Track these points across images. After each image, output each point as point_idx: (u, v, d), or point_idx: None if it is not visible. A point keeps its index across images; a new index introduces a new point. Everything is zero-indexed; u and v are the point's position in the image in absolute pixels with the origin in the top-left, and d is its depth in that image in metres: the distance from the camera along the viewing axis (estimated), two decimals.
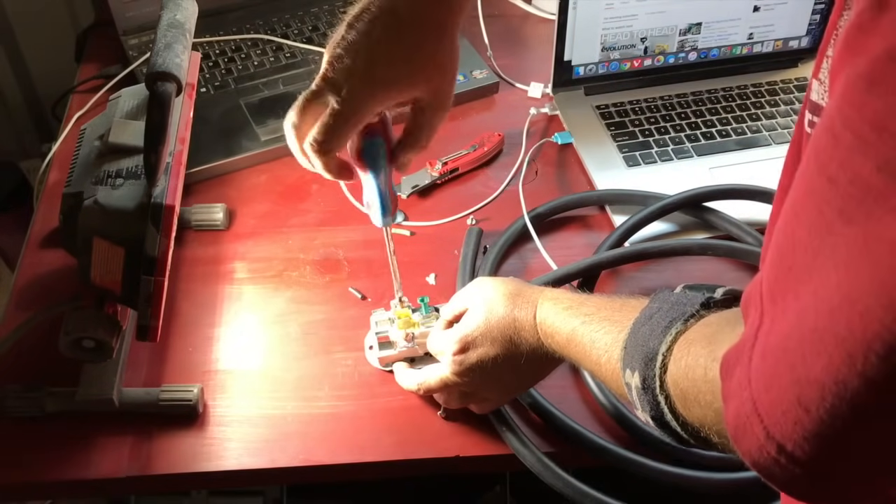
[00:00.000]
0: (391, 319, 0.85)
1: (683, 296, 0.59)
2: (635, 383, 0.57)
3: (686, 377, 0.52)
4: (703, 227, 1.00)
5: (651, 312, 0.59)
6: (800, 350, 0.38)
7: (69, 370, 0.81)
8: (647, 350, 0.56)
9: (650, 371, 0.55)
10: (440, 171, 1.04)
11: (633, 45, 1.13)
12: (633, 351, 0.58)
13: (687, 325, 0.55)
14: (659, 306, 0.59)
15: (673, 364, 0.54)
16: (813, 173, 0.41)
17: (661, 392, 0.54)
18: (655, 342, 0.56)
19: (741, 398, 0.42)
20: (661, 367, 0.54)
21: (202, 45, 1.19)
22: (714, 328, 0.53)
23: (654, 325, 0.57)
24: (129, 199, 0.72)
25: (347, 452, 0.80)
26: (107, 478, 0.79)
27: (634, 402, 0.58)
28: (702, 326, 0.54)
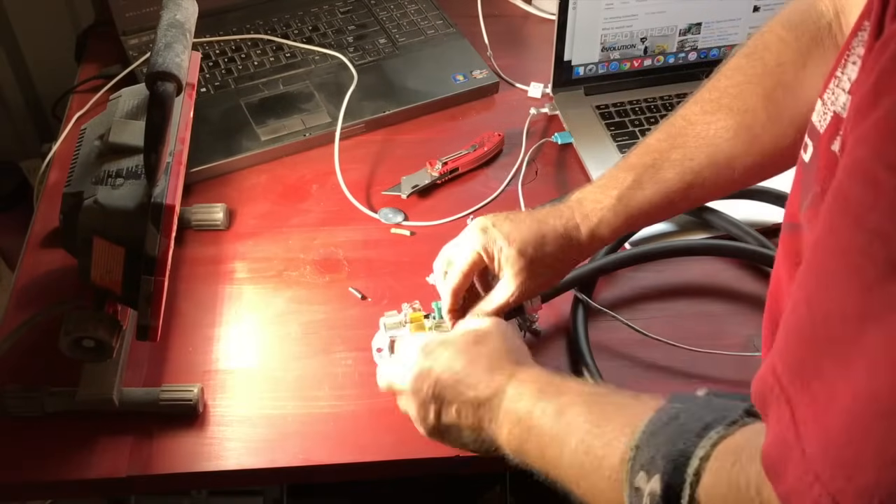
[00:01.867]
0: (402, 322, 0.85)
1: (715, 401, 0.53)
2: (651, 489, 0.49)
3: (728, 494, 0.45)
4: (703, 227, 1.00)
5: (675, 412, 0.52)
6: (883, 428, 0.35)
7: (69, 370, 0.81)
8: (675, 452, 0.48)
9: (678, 478, 0.47)
10: (440, 171, 1.04)
11: (633, 45, 1.13)
12: (653, 452, 0.50)
13: (729, 430, 0.48)
14: (685, 406, 0.52)
15: (710, 476, 0.47)
16: (844, 230, 0.38)
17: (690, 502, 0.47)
18: (689, 444, 0.48)
19: (811, 495, 0.37)
20: (695, 476, 0.47)
21: (202, 45, 1.19)
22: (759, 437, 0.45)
23: (683, 426, 0.50)
24: (129, 199, 0.72)
25: (347, 452, 0.80)
26: (107, 478, 0.79)
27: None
28: (750, 434, 0.47)
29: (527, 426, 0.62)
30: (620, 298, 0.94)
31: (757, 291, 0.95)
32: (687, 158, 0.76)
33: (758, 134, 0.75)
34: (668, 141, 0.78)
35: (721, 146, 0.76)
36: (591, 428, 0.56)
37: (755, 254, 0.95)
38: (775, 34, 0.75)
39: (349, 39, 1.21)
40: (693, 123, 0.77)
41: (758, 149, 0.75)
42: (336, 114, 1.08)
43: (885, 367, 0.35)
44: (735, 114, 0.75)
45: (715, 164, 0.76)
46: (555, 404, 0.60)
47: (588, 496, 0.56)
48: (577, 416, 0.58)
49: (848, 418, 0.36)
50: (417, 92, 1.14)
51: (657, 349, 0.87)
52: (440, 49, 1.21)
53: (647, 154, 0.78)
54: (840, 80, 0.47)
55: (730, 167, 0.76)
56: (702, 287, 0.96)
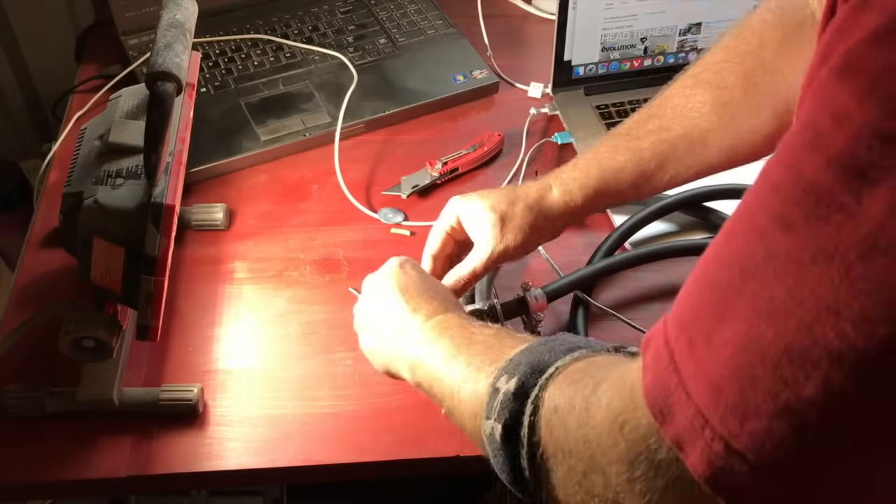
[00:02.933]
0: None
1: (595, 341, 0.56)
2: (506, 388, 0.53)
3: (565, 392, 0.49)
4: (703, 227, 1.00)
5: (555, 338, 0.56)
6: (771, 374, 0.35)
7: (69, 370, 0.81)
8: (538, 362, 0.53)
9: (533, 378, 0.51)
10: (440, 171, 1.04)
11: (633, 45, 1.13)
12: (520, 362, 0.54)
13: (593, 354, 0.52)
14: (564, 339, 0.56)
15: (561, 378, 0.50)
16: (752, 190, 0.39)
17: (533, 402, 0.50)
18: (552, 357, 0.52)
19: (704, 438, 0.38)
20: (548, 378, 0.51)
21: (202, 45, 1.19)
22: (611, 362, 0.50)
23: (554, 347, 0.54)
24: (129, 199, 0.72)
25: (347, 452, 0.80)
26: (107, 478, 0.79)
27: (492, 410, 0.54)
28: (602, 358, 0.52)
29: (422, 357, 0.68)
30: (621, 298, 0.94)
31: None
32: (663, 129, 0.79)
33: (733, 111, 0.77)
34: (647, 111, 0.81)
35: (697, 120, 0.78)
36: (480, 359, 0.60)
37: None
38: (761, 16, 0.78)
39: (349, 39, 1.21)
40: (673, 96, 0.80)
41: (733, 127, 0.77)
42: (336, 114, 1.08)
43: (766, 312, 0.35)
44: (713, 89, 0.78)
45: (689, 136, 0.78)
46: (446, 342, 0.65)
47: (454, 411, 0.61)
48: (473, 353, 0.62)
49: (733, 363, 0.37)
50: (417, 92, 1.14)
51: None
52: (440, 49, 1.21)
53: (626, 125, 0.81)
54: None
55: (704, 142, 0.78)
56: None
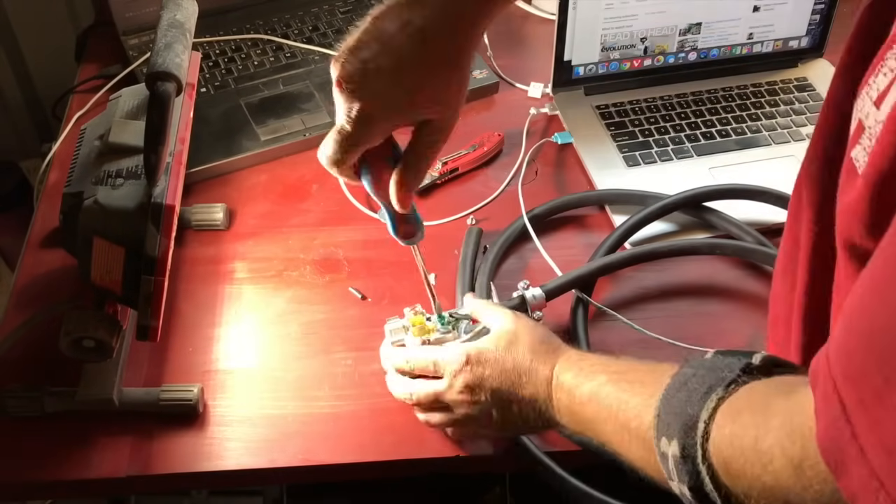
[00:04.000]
0: (405, 327, 0.85)
1: (719, 360, 0.56)
2: (673, 452, 0.54)
3: (731, 445, 0.50)
4: (703, 227, 1.00)
5: (685, 378, 0.56)
6: None
7: (69, 370, 0.81)
8: (685, 417, 0.53)
9: (690, 439, 0.52)
10: (440, 171, 1.04)
11: (632, 45, 1.13)
12: (669, 418, 0.55)
13: (728, 391, 0.52)
14: (693, 371, 0.56)
15: (716, 431, 0.51)
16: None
17: (703, 461, 0.52)
18: (695, 408, 0.53)
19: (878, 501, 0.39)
20: (703, 435, 0.52)
21: (202, 45, 1.19)
22: (762, 397, 0.51)
23: (691, 391, 0.54)
24: (129, 199, 0.72)
25: (347, 452, 0.80)
26: (107, 478, 0.79)
27: (670, 473, 0.55)
28: (748, 393, 0.52)
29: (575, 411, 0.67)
30: (620, 298, 0.94)
31: (757, 291, 0.95)
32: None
33: None
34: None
35: None
36: (621, 405, 0.62)
37: (755, 253, 0.95)
38: None
39: None
40: None
41: None
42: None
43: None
44: None
45: None
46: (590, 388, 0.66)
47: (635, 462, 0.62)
48: (608, 395, 0.64)
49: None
50: None
51: (657, 349, 0.87)
52: None
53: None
54: (870, 89, 0.47)
55: None
56: (702, 287, 0.96)
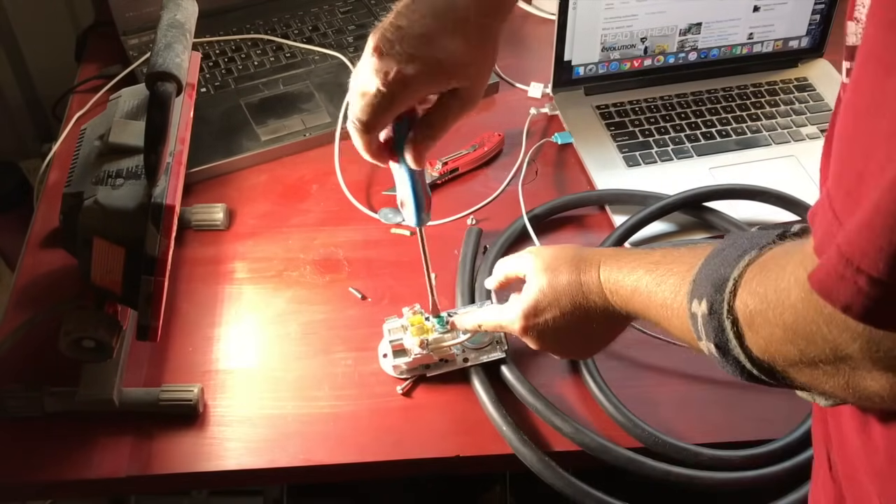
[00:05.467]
0: (404, 327, 0.85)
1: (759, 233, 0.57)
2: (702, 311, 0.55)
3: (755, 294, 0.51)
4: (703, 227, 1.00)
5: (723, 247, 0.57)
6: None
7: (69, 370, 0.81)
8: (717, 277, 0.54)
9: (719, 296, 0.54)
10: (440, 171, 1.04)
11: (633, 45, 1.13)
12: (703, 281, 0.56)
13: (761, 252, 0.53)
14: (732, 241, 0.57)
15: (743, 288, 0.52)
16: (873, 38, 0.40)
17: (728, 316, 0.53)
18: (727, 269, 0.54)
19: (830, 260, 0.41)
20: (731, 292, 0.53)
21: (202, 45, 1.19)
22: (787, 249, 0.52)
23: (727, 256, 0.55)
24: (129, 199, 0.72)
25: (347, 452, 0.80)
26: (107, 478, 0.79)
27: (699, 332, 0.56)
28: (776, 252, 0.53)
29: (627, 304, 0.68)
30: None
31: None
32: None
33: None
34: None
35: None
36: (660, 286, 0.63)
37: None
38: None
39: (349, 39, 1.21)
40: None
41: None
42: (336, 114, 1.08)
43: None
44: None
45: None
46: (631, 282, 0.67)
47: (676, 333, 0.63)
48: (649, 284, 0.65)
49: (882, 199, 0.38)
50: None
51: (657, 349, 0.87)
52: None
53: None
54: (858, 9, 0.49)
55: None
56: None
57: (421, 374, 0.85)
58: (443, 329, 0.84)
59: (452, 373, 0.85)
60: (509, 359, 0.84)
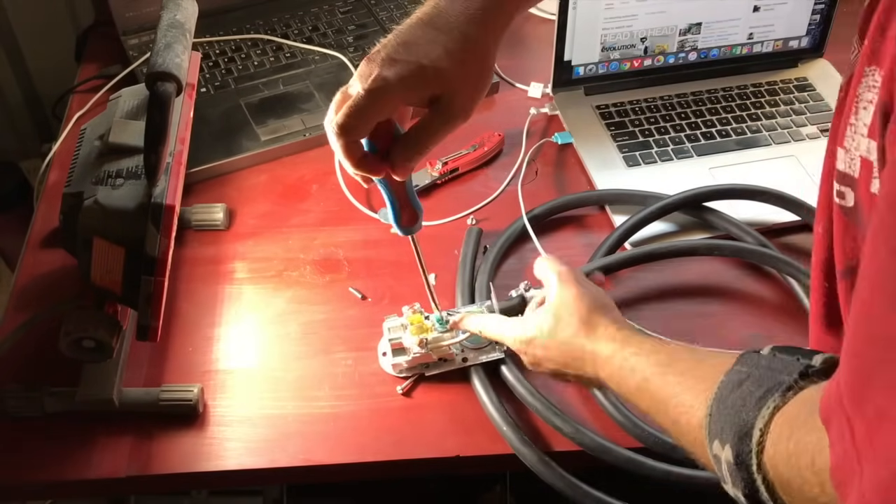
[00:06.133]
0: (404, 325, 0.85)
1: (777, 361, 0.55)
2: (726, 457, 0.53)
3: (788, 463, 0.49)
4: (703, 227, 1.00)
5: (740, 378, 0.55)
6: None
7: (69, 370, 0.81)
8: (740, 423, 0.52)
9: (745, 447, 0.51)
10: (440, 171, 1.04)
11: (633, 45, 1.13)
12: (722, 421, 0.54)
13: (785, 398, 0.51)
14: (749, 371, 0.55)
15: (771, 445, 0.50)
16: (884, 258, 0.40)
17: (759, 472, 0.51)
18: (750, 415, 0.52)
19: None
20: (759, 445, 0.50)
21: (202, 45, 1.19)
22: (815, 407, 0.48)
23: (746, 395, 0.53)
24: (129, 199, 0.72)
25: (347, 452, 0.80)
26: (107, 478, 0.79)
27: (724, 477, 0.54)
28: (801, 404, 0.50)
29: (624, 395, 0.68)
30: (620, 298, 0.94)
31: (757, 291, 0.95)
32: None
33: None
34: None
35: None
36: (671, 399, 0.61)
37: (755, 254, 0.95)
38: None
39: (349, 39, 1.21)
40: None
41: None
42: None
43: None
44: None
45: None
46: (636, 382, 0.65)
47: (692, 454, 0.61)
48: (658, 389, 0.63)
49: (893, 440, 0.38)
50: None
51: None
52: None
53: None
54: (856, 126, 0.49)
55: None
56: (702, 287, 0.96)
57: (420, 373, 0.85)
58: (442, 328, 0.84)
59: (452, 373, 0.85)
60: (509, 359, 0.84)
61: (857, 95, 0.48)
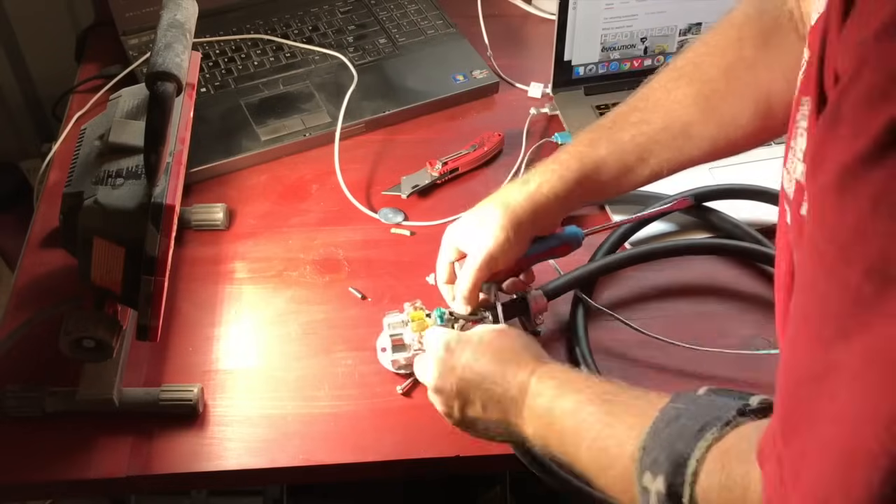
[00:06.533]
0: (404, 322, 0.85)
1: (714, 399, 0.55)
2: (657, 489, 0.53)
3: (720, 496, 0.49)
4: (703, 227, 1.00)
5: (676, 413, 0.55)
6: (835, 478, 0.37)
7: (69, 370, 0.81)
8: (675, 455, 0.52)
9: (678, 478, 0.51)
10: (440, 171, 1.04)
11: (633, 45, 1.13)
12: (656, 453, 0.54)
13: (722, 432, 0.51)
14: (685, 407, 0.55)
15: (706, 477, 0.50)
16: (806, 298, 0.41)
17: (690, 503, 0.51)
18: (685, 447, 0.52)
19: None
20: (693, 476, 0.51)
21: (202, 45, 1.19)
22: (750, 443, 0.49)
23: (682, 428, 0.53)
24: (129, 199, 0.72)
25: (347, 452, 0.80)
26: (107, 478, 0.79)
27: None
28: (737, 438, 0.51)
29: (548, 422, 0.65)
30: (620, 298, 0.94)
31: (757, 291, 0.95)
32: (644, 122, 0.80)
33: (715, 104, 0.78)
34: (629, 105, 0.82)
35: (678, 112, 0.79)
36: (604, 428, 0.60)
37: (755, 253, 0.95)
38: (742, 11, 0.79)
39: (349, 39, 1.21)
40: (654, 90, 0.81)
41: (714, 119, 0.78)
42: (336, 114, 1.08)
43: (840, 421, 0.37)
44: (694, 82, 0.79)
45: (670, 129, 0.79)
46: (572, 402, 0.64)
47: (607, 490, 0.60)
48: (591, 415, 0.62)
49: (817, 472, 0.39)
50: (417, 92, 1.14)
51: (657, 349, 0.87)
52: (440, 49, 1.21)
53: (608, 118, 0.82)
54: (794, 151, 0.50)
55: (685, 135, 0.79)
56: (702, 287, 0.96)
57: None
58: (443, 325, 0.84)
59: None
60: None
61: (795, 121, 0.50)
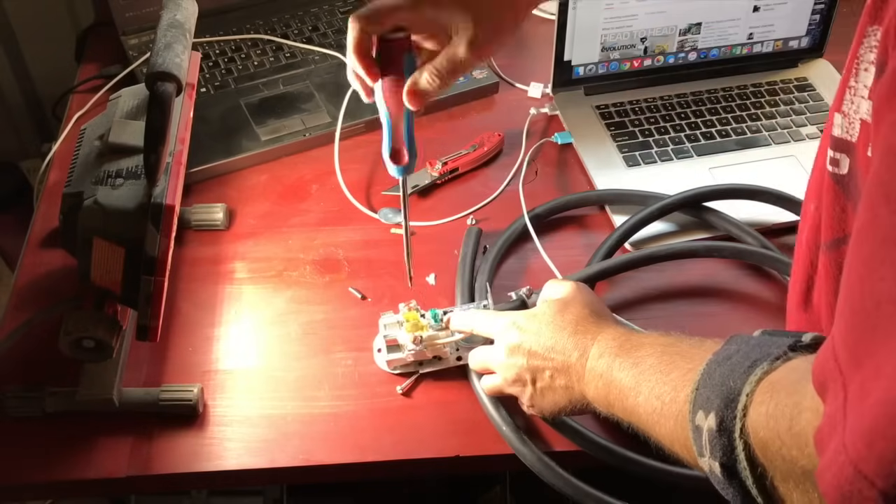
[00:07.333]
0: (399, 322, 0.85)
1: (766, 339, 0.55)
2: (709, 426, 0.52)
3: (767, 427, 0.49)
4: (703, 227, 1.00)
5: (729, 353, 0.55)
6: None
7: (69, 370, 0.81)
8: (726, 391, 0.52)
9: (730, 413, 0.51)
10: (440, 171, 1.04)
11: (633, 45, 1.13)
12: (709, 391, 0.54)
13: (773, 365, 0.51)
14: (738, 347, 0.55)
15: (754, 409, 0.50)
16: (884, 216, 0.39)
17: (741, 437, 0.50)
18: (738, 382, 0.52)
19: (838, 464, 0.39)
20: (743, 410, 0.51)
21: (202, 45, 1.19)
22: (800, 374, 0.49)
23: (735, 365, 0.53)
24: (129, 199, 0.72)
25: (347, 452, 0.80)
26: (107, 478, 0.79)
27: (702, 448, 0.54)
28: (787, 371, 0.51)
29: (608, 381, 0.67)
30: (621, 299, 0.94)
31: (757, 291, 0.95)
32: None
33: None
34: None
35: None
36: (661, 376, 0.62)
37: (755, 254, 0.95)
38: None
39: None
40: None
41: None
42: (336, 114, 1.08)
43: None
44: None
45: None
46: (632, 358, 0.66)
47: (663, 439, 0.61)
48: (650, 367, 0.63)
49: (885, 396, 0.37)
50: None
51: None
52: None
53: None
54: (856, 89, 0.48)
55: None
56: (702, 287, 0.96)
57: (414, 370, 0.85)
58: (437, 326, 0.84)
59: (452, 373, 0.85)
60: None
61: (857, 56, 0.47)
